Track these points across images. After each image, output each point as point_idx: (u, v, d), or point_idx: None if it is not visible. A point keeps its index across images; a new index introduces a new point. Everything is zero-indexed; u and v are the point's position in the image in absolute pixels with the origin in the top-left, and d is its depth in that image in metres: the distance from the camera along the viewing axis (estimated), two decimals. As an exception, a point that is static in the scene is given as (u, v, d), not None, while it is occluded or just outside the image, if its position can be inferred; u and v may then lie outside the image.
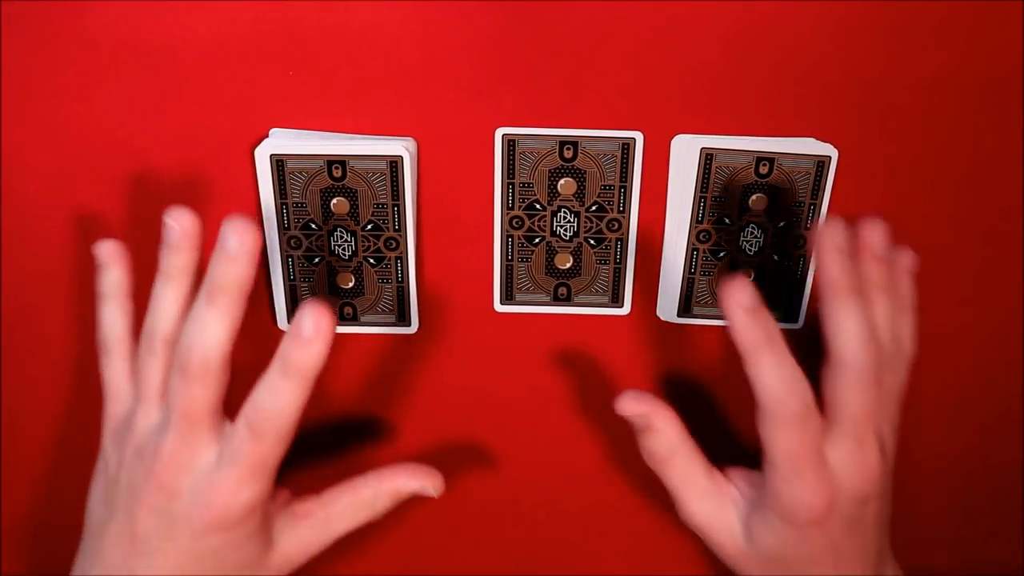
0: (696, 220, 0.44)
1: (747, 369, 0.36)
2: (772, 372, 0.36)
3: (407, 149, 0.41)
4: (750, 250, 0.44)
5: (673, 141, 0.42)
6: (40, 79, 0.41)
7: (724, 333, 0.46)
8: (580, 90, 0.41)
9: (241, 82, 0.41)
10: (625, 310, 0.46)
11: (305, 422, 0.38)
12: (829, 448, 0.37)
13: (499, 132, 0.42)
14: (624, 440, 0.49)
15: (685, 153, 0.42)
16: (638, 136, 0.42)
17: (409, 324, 0.45)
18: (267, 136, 0.42)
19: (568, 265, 0.45)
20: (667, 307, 0.45)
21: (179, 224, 0.37)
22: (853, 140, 0.42)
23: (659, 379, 0.48)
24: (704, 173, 0.43)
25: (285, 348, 0.35)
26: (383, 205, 0.42)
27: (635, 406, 0.39)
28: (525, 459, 0.50)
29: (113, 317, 0.40)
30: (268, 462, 0.37)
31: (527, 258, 0.45)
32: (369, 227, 0.43)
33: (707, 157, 0.42)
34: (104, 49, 0.41)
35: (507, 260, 0.45)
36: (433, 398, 0.48)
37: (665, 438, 0.40)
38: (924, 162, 0.43)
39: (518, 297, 0.46)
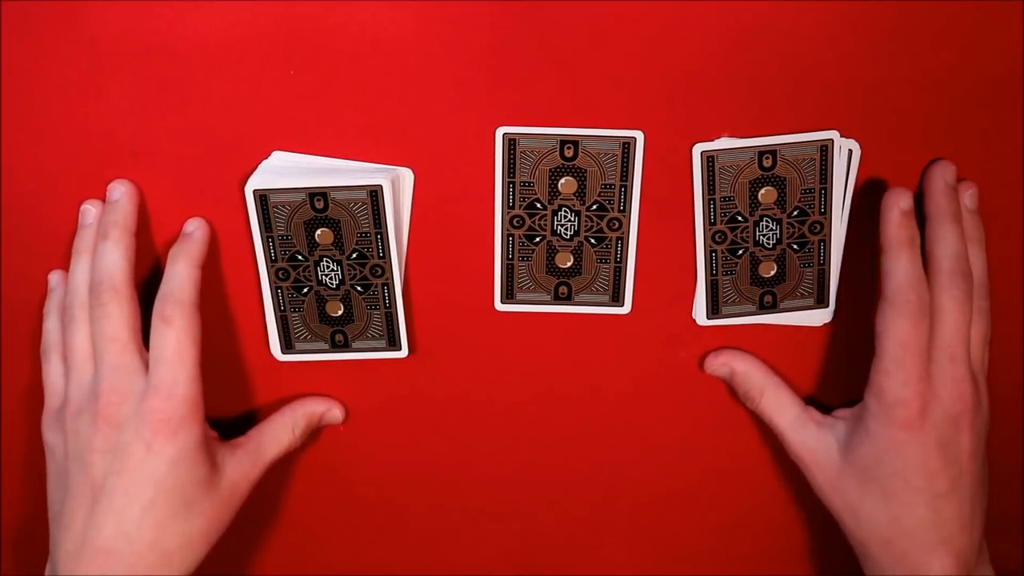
0: (709, 222, 0.44)
1: (884, 262, 0.41)
2: (907, 267, 0.41)
3: (389, 179, 0.42)
4: (768, 244, 0.44)
5: (693, 149, 0.42)
6: (40, 79, 0.41)
7: (729, 332, 0.46)
8: (580, 90, 0.42)
9: (241, 82, 0.41)
10: (625, 309, 0.46)
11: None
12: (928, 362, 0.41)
13: (499, 131, 0.42)
14: (624, 440, 0.49)
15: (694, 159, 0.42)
16: (638, 135, 0.42)
17: (399, 348, 0.45)
18: (268, 156, 0.43)
19: (569, 264, 0.45)
20: (698, 310, 0.46)
21: (92, 207, 0.43)
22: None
23: (660, 379, 0.48)
24: (709, 176, 0.43)
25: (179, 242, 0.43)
26: (366, 234, 0.43)
27: (713, 361, 0.46)
28: (525, 459, 0.50)
29: (54, 326, 0.44)
30: (188, 350, 0.41)
31: (528, 257, 0.45)
32: (355, 255, 0.43)
33: (709, 160, 0.42)
34: (104, 49, 0.41)
35: (507, 259, 0.45)
36: (433, 398, 0.48)
37: (751, 377, 0.46)
38: (923, 163, 0.43)
39: (519, 296, 0.46)
